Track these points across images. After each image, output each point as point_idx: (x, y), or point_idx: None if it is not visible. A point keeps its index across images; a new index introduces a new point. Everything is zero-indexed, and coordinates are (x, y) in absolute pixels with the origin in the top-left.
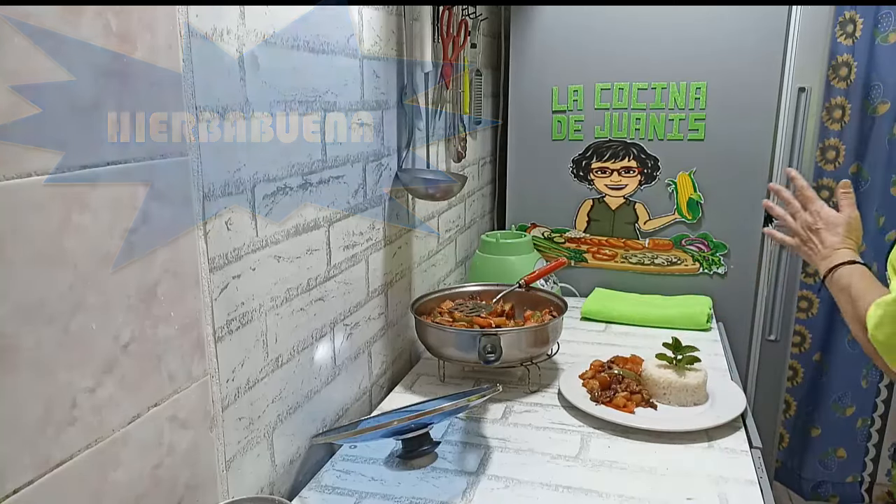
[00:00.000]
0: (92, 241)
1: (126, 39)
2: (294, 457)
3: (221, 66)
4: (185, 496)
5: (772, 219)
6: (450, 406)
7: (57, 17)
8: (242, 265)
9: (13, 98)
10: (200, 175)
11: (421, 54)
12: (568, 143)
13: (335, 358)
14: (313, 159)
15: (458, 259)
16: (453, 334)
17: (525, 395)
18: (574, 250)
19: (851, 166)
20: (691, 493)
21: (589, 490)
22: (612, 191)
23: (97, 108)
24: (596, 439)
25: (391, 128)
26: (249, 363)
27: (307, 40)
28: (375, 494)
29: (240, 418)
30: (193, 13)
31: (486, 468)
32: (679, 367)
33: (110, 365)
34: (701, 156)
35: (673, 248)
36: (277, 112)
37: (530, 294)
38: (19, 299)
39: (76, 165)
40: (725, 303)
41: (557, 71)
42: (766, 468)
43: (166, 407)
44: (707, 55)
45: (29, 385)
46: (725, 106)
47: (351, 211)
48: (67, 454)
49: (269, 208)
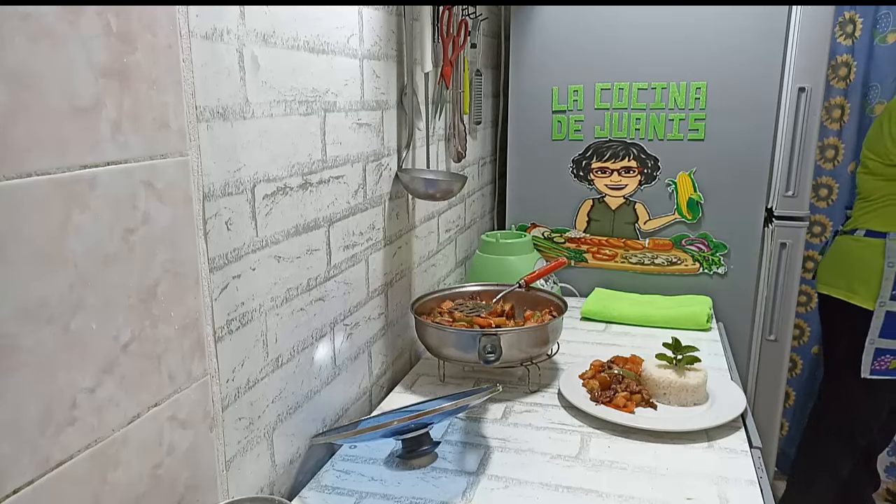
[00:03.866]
0: (92, 241)
1: (126, 39)
2: (294, 457)
3: (221, 66)
4: (185, 496)
5: (772, 217)
6: (450, 406)
7: (57, 16)
8: (242, 265)
9: (13, 98)
10: (200, 175)
11: (421, 54)
12: (568, 143)
13: (335, 358)
14: (313, 159)
15: (458, 259)
16: (453, 334)
17: (525, 395)
18: (574, 250)
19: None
20: (691, 493)
21: (589, 490)
22: (612, 191)
23: (97, 108)
24: (596, 439)
25: (391, 128)
26: (249, 363)
27: (307, 40)
28: (375, 494)
29: (240, 418)
30: (193, 13)
31: (486, 468)
32: (679, 367)
33: (110, 365)
34: (701, 156)
35: (673, 248)
36: (277, 112)
37: (530, 294)
38: (19, 299)
39: (76, 165)
40: (725, 303)
41: (557, 71)
42: (766, 468)
43: (166, 407)
44: (707, 55)
45: (29, 385)
46: (725, 106)
47: (351, 211)
48: (67, 454)
49: (269, 208)
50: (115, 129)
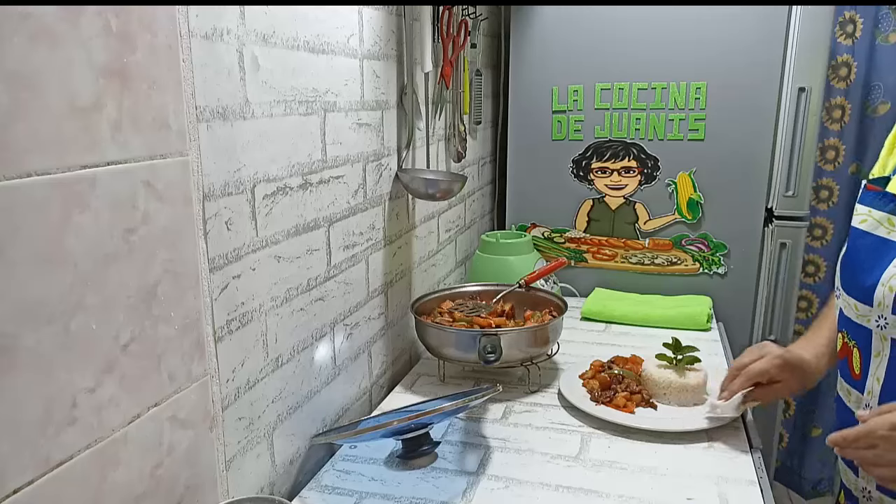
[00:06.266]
0: (92, 241)
1: (126, 39)
2: (294, 457)
3: (221, 66)
4: (185, 496)
5: (772, 218)
6: (450, 406)
7: (57, 16)
8: (242, 265)
9: (13, 98)
10: (200, 175)
11: (421, 54)
12: (568, 143)
13: (335, 358)
14: (313, 159)
15: (458, 259)
16: (453, 334)
17: (525, 395)
18: (574, 250)
19: (851, 166)
20: (691, 493)
21: (589, 490)
22: (612, 191)
23: (97, 108)
24: (596, 439)
25: (391, 128)
26: (249, 363)
27: (307, 40)
28: (375, 494)
29: (240, 418)
30: (193, 13)
31: (486, 468)
32: (679, 367)
33: (110, 365)
34: (701, 156)
35: (673, 248)
36: (277, 112)
37: (530, 294)
38: (19, 299)
39: (76, 165)
40: (725, 303)
41: (557, 71)
42: (766, 468)
43: (166, 407)
44: (707, 55)
45: (29, 385)
46: (725, 106)
47: (351, 211)
48: (67, 454)
49: (269, 208)
50: (115, 129)
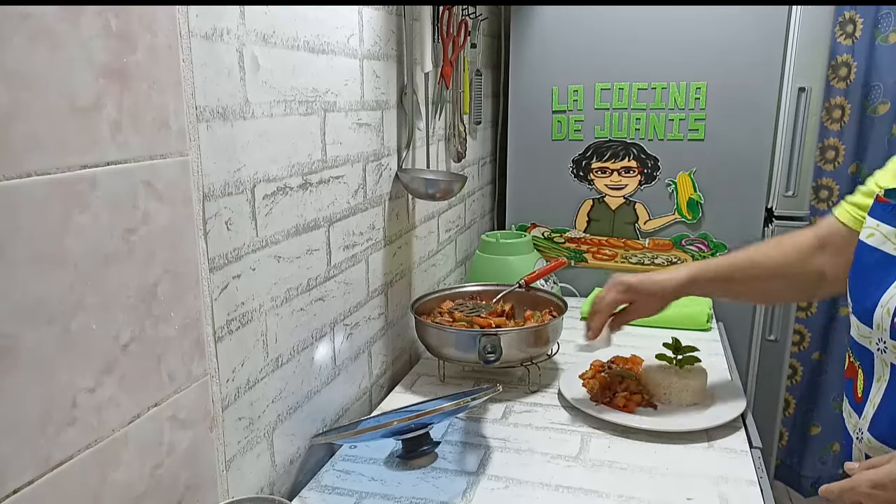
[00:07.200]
0: (92, 241)
1: (126, 39)
2: (294, 457)
3: (221, 66)
4: (185, 496)
5: (772, 217)
6: (450, 406)
7: (57, 16)
8: (242, 265)
9: (13, 98)
10: (200, 175)
11: (421, 54)
12: (568, 143)
13: (335, 358)
14: (313, 159)
15: (458, 259)
16: (453, 334)
17: (525, 395)
18: (574, 250)
19: (850, 166)
20: (691, 493)
21: (589, 490)
22: (612, 191)
23: (97, 108)
24: (596, 439)
25: (391, 128)
26: (249, 363)
27: (307, 40)
28: (375, 494)
29: (240, 418)
30: (193, 13)
31: (486, 468)
32: (679, 367)
33: (110, 365)
34: (701, 156)
35: (673, 248)
36: (277, 112)
37: (530, 294)
38: (19, 299)
39: (76, 165)
40: (725, 303)
41: (557, 71)
42: (766, 468)
43: (166, 407)
44: (707, 55)
45: (29, 385)
46: (725, 106)
47: (351, 211)
48: (67, 454)
49: (269, 208)
50: (115, 129)
